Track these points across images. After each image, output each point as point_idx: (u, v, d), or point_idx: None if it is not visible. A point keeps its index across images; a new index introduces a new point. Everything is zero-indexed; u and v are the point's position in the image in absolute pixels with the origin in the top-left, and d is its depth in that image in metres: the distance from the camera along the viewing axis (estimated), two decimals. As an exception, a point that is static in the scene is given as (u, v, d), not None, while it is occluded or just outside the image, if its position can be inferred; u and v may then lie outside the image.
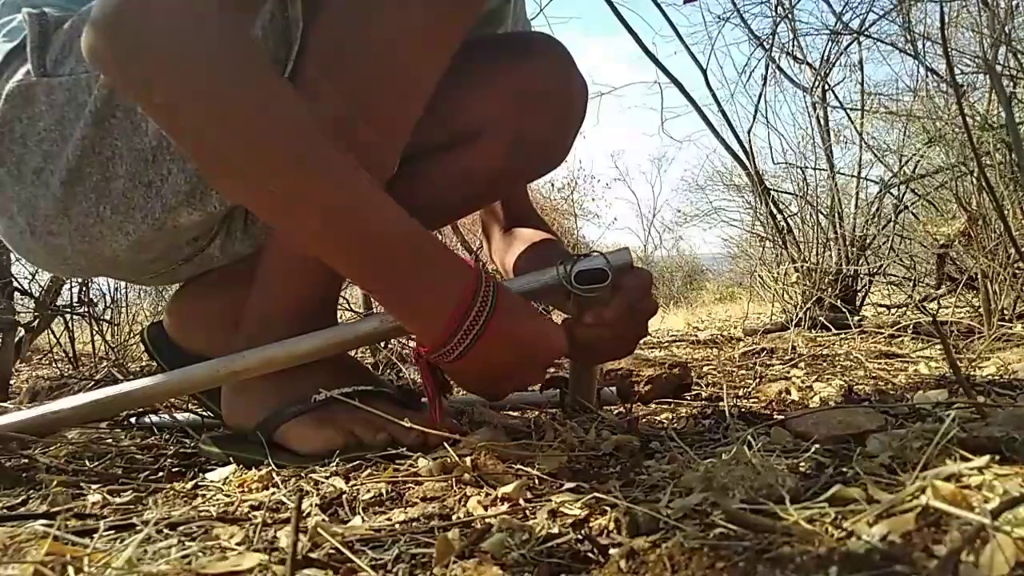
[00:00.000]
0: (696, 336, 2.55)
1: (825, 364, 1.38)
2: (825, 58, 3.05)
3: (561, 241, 1.05)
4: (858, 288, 2.67)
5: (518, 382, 0.71)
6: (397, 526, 0.47)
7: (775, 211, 2.82)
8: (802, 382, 1.09)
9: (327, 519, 0.50)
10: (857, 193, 2.84)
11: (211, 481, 0.63)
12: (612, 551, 0.39)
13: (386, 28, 0.66)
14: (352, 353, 0.91)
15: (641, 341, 0.88)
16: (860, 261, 2.67)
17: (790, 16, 3.05)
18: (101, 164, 0.70)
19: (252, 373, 0.71)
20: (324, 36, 0.67)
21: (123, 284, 2.20)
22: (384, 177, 0.73)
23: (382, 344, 1.80)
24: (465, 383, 0.70)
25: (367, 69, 0.66)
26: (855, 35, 2.97)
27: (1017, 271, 1.82)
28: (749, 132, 2.87)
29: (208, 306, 0.86)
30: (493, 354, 0.64)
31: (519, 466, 0.58)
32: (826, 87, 3.00)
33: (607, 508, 0.46)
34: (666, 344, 2.24)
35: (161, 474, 0.68)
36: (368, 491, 0.55)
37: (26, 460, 0.70)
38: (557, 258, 0.76)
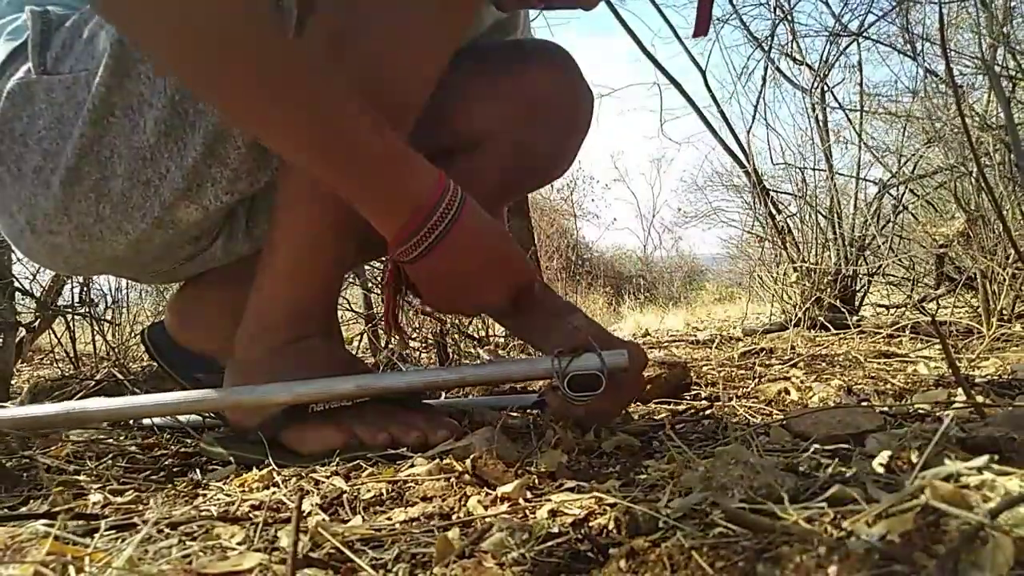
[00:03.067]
0: (696, 336, 2.56)
1: (824, 364, 1.38)
2: (824, 59, 3.05)
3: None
4: (857, 288, 2.67)
5: (481, 298, 0.71)
6: (397, 526, 0.47)
7: (774, 211, 2.83)
8: (801, 382, 1.09)
9: (327, 519, 0.50)
10: (856, 193, 2.84)
11: (211, 481, 0.63)
12: (612, 551, 0.39)
13: (384, 21, 0.64)
14: (354, 352, 0.91)
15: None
16: (859, 261, 2.67)
17: (789, 17, 3.05)
18: (100, 163, 0.70)
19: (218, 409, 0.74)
20: (319, 31, 0.66)
21: (124, 284, 2.20)
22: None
23: (382, 344, 1.80)
24: (428, 290, 0.70)
25: (364, 66, 0.66)
26: (854, 36, 2.97)
27: (1016, 271, 1.82)
28: (748, 133, 2.88)
29: (208, 305, 0.86)
30: (455, 259, 0.65)
31: (519, 466, 0.58)
32: (825, 88, 3.01)
33: (607, 508, 0.46)
34: (666, 344, 2.24)
35: (162, 474, 0.68)
36: (368, 491, 0.56)
37: (27, 460, 0.70)
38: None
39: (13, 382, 1.46)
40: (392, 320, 0.71)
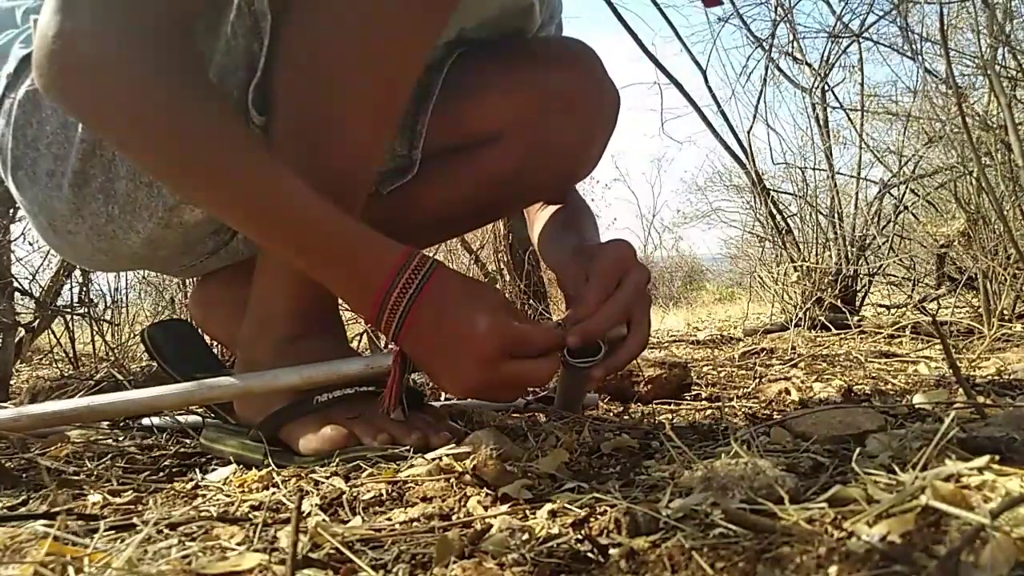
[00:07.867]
0: (696, 336, 2.56)
1: (825, 364, 1.38)
2: (825, 59, 3.06)
3: (590, 212, 1.00)
4: (858, 288, 2.67)
5: (474, 380, 0.64)
6: (397, 526, 0.47)
7: (775, 211, 2.83)
8: (802, 382, 1.09)
9: (327, 519, 0.50)
10: (857, 193, 2.84)
11: (211, 481, 0.63)
12: (612, 551, 0.39)
13: (359, 20, 0.64)
14: (356, 350, 0.90)
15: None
16: (860, 261, 2.67)
17: (790, 17, 3.05)
18: (104, 166, 0.72)
19: (229, 399, 0.74)
20: (295, 29, 0.66)
21: (123, 284, 2.21)
22: (371, 172, 0.72)
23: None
24: (429, 373, 0.67)
25: (341, 64, 0.65)
26: (855, 36, 2.97)
27: (1017, 271, 1.82)
28: (749, 133, 2.88)
29: (223, 295, 0.88)
30: (426, 340, 0.63)
31: (519, 466, 0.58)
32: (826, 88, 3.01)
33: (607, 508, 0.46)
34: (666, 344, 2.24)
35: (161, 474, 0.68)
36: (368, 491, 0.55)
37: (26, 460, 0.70)
38: (574, 239, 0.77)
39: (12, 382, 1.46)
40: (394, 398, 0.67)
